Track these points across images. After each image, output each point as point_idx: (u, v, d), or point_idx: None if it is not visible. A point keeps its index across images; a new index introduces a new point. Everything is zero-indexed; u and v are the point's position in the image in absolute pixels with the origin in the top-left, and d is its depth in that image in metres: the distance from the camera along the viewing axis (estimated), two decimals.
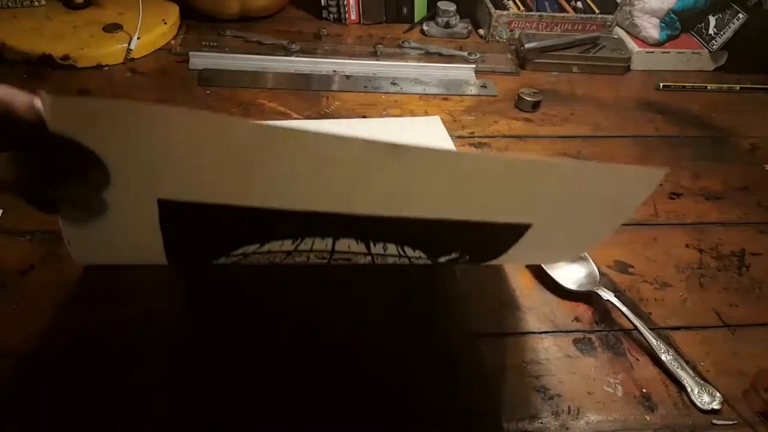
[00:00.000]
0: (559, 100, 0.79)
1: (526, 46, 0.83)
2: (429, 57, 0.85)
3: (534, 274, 0.55)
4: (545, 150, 0.70)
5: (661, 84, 0.83)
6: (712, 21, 0.87)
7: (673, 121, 0.77)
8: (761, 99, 0.84)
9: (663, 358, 0.48)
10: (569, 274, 0.54)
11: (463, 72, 0.82)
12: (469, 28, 0.91)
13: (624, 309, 0.51)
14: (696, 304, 0.54)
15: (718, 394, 0.46)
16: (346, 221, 0.32)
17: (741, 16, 0.83)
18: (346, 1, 0.89)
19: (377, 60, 0.82)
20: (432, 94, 0.77)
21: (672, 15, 0.86)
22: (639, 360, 0.49)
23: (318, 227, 0.33)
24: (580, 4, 0.92)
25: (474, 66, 0.83)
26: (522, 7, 0.91)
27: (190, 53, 0.79)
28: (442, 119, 0.73)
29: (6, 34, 0.74)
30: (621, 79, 0.85)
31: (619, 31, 0.90)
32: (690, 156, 0.72)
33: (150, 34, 0.79)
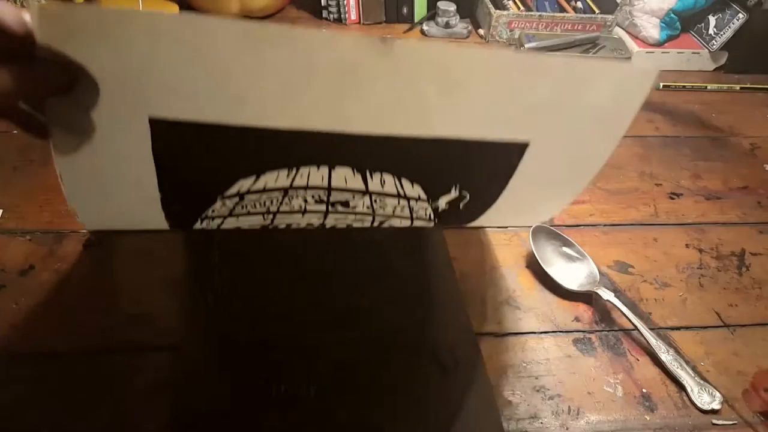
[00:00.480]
0: None
1: (526, 46, 0.83)
2: None
3: (534, 274, 0.55)
4: None
5: (661, 84, 0.83)
6: (712, 21, 0.87)
7: (673, 121, 0.77)
8: (761, 99, 0.84)
9: (663, 358, 0.48)
10: (569, 274, 0.54)
11: None
12: (469, 28, 0.91)
13: (624, 309, 0.51)
14: (696, 304, 0.54)
15: (718, 394, 0.46)
16: (340, 143, 0.32)
17: (741, 16, 0.83)
18: (346, 1, 0.89)
19: None
20: None
21: (672, 15, 0.86)
22: (639, 360, 0.49)
23: (312, 151, 0.32)
24: (580, 4, 0.92)
25: None
26: (522, 7, 0.91)
27: None
28: None
29: None
30: None
31: (619, 31, 0.91)
32: (690, 156, 0.72)
33: None
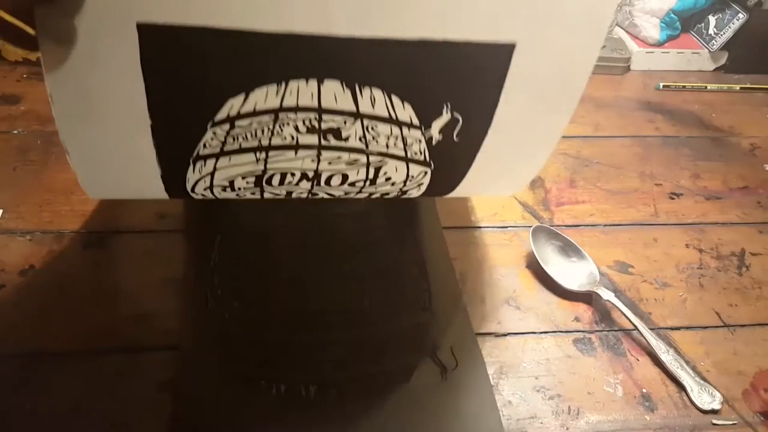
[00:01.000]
0: None
1: None
2: None
3: (534, 274, 0.55)
4: None
5: (661, 84, 0.83)
6: (712, 21, 0.87)
7: (673, 121, 0.77)
8: (761, 99, 0.84)
9: (663, 358, 0.48)
10: (569, 274, 0.54)
11: None
12: None
13: (624, 309, 0.51)
14: (696, 304, 0.54)
15: (718, 394, 0.46)
16: (326, 49, 0.32)
17: (741, 16, 0.83)
18: None
19: None
20: None
21: (672, 15, 0.86)
22: (639, 360, 0.49)
23: (299, 59, 0.33)
24: None
25: None
26: None
27: None
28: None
29: None
30: (621, 79, 0.85)
31: (619, 31, 0.90)
32: (690, 156, 0.72)
33: None
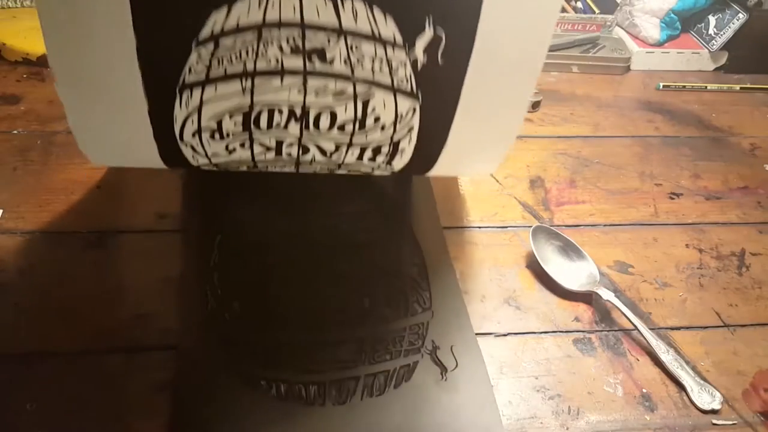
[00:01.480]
0: (559, 100, 0.79)
1: None
2: None
3: (534, 274, 0.55)
4: (545, 150, 0.70)
5: (661, 84, 0.83)
6: (712, 21, 0.87)
7: (673, 121, 0.78)
8: (761, 99, 0.84)
9: (663, 358, 0.48)
10: (569, 274, 0.54)
11: None
12: None
13: (624, 309, 0.51)
14: (696, 304, 0.54)
15: (718, 393, 0.46)
16: None
17: (741, 16, 0.83)
18: None
19: None
20: None
21: (672, 15, 0.86)
22: (639, 360, 0.49)
23: None
24: (579, 4, 0.92)
25: None
26: None
27: None
28: None
29: (6, 33, 0.74)
30: (621, 79, 0.85)
31: (619, 31, 0.91)
32: (690, 156, 0.72)
33: None
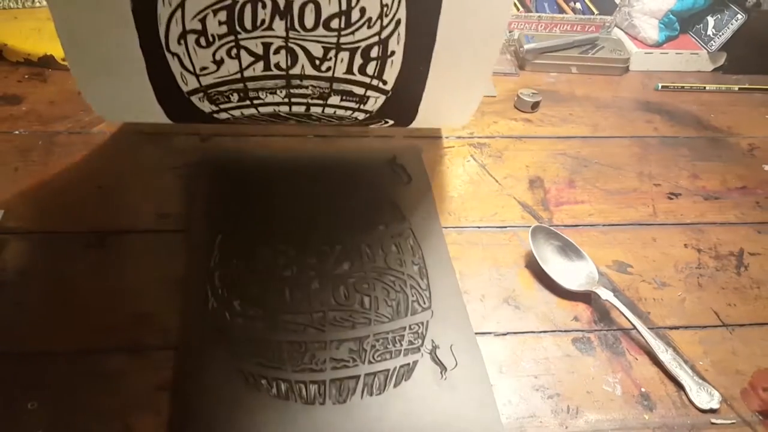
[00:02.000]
0: (558, 100, 0.79)
1: (525, 47, 0.83)
2: None
3: (533, 273, 0.55)
4: (544, 150, 0.70)
5: (660, 84, 0.83)
6: (710, 22, 0.88)
7: (672, 122, 0.78)
8: (760, 99, 0.84)
9: (662, 357, 0.48)
10: (568, 273, 0.54)
11: None
12: None
13: (623, 308, 0.51)
14: (695, 303, 0.54)
15: (716, 393, 0.47)
16: None
17: (740, 16, 0.83)
18: None
19: None
20: None
21: (671, 16, 0.86)
22: (638, 359, 0.49)
23: None
24: (579, 5, 0.93)
25: None
26: (521, 8, 0.91)
27: None
28: None
29: (7, 34, 0.74)
30: (620, 80, 0.85)
31: (618, 32, 0.91)
32: (688, 156, 0.72)
33: None
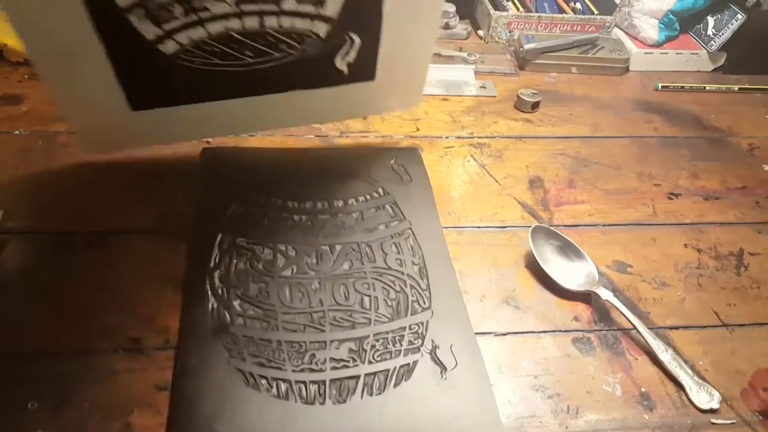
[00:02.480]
0: (558, 100, 0.79)
1: (525, 47, 0.83)
2: None
3: (533, 273, 0.55)
4: (544, 150, 0.70)
5: (660, 84, 0.84)
6: (710, 22, 0.88)
7: (672, 122, 0.78)
8: (759, 99, 0.84)
9: (662, 357, 0.48)
10: (568, 273, 0.54)
11: (463, 73, 0.82)
12: (469, 29, 0.91)
13: (623, 308, 0.51)
14: (694, 303, 0.54)
15: (716, 393, 0.47)
16: None
17: (740, 16, 0.83)
18: None
19: None
20: (431, 94, 0.78)
21: (671, 16, 0.86)
22: (638, 359, 0.49)
23: None
24: (579, 5, 0.93)
25: (473, 67, 0.83)
26: (521, 8, 0.91)
27: None
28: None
29: (7, 34, 0.74)
30: (620, 80, 0.85)
31: (618, 32, 0.91)
32: (688, 156, 0.72)
33: None
